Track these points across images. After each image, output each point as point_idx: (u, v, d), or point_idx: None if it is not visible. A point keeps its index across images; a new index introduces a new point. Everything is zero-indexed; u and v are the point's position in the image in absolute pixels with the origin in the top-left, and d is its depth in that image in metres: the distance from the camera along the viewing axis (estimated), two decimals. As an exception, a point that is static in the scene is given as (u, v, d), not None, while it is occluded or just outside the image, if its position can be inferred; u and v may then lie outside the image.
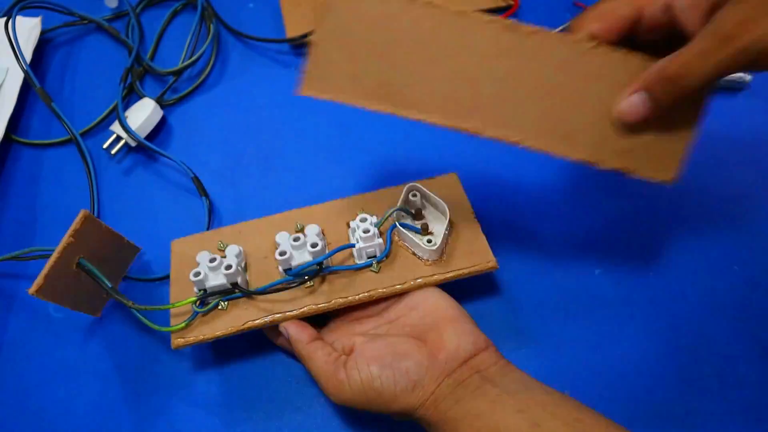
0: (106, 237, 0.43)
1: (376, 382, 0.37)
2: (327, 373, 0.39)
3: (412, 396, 0.36)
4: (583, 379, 0.44)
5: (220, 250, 0.46)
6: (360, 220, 0.44)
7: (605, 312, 0.46)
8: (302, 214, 0.47)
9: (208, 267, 0.42)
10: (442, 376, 0.37)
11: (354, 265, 0.43)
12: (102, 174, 0.54)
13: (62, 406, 0.46)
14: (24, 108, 0.58)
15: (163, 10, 0.62)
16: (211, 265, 0.42)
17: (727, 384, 0.44)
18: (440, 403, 0.36)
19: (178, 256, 0.46)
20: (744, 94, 0.55)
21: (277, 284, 0.42)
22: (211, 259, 0.42)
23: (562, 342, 0.45)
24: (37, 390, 0.46)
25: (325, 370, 0.39)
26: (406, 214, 0.46)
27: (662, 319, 0.46)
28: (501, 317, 0.46)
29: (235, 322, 0.41)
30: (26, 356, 0.48)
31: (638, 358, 0.45)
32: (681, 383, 0.44)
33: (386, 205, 0.46)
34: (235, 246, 0.44)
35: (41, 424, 0.45)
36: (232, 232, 0.47)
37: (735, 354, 0.45)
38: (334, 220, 0.46)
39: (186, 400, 0.44)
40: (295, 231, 0.46)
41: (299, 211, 0.47)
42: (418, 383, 0.37)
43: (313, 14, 0.58)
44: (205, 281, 0.42)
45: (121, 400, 0.45)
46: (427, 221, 0.45)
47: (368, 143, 0.54)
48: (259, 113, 0.56)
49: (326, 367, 0.39)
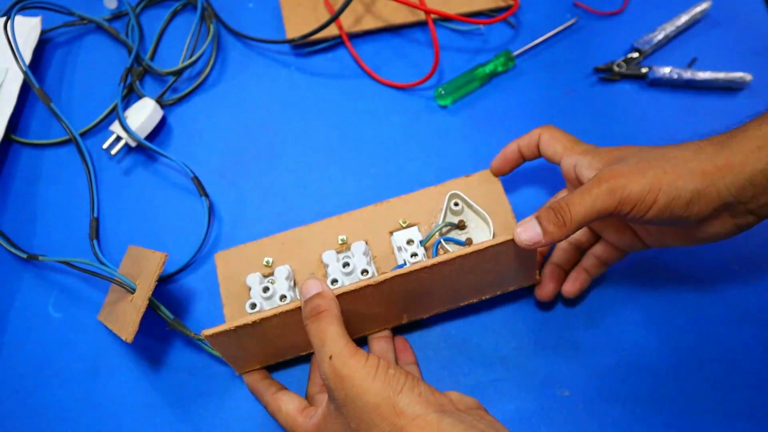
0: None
1: None
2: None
3: None
4: (583, 379, 0.44)
5: (266, 266, 0.46)
6: (407, 242, 0.44)
7: (604, 312, 0.46)
8: (342, 222, 0.47)
9: (263, 297, 0.42)
10: None
11: None
12: (102, 174, 0.54)
13: (62, 406, 0.46)
14: (24, 108, 0.58)
15: (163, 10, 0.62)
16: (265, 295, 0.42)
17: (727, 384, 0.44)
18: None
19: (224, 274, 0.46)
20: (744, 94, 0.55)
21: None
22: (265, 289, 0.42)
23: (560, 343, 0.46)
24: (37, 390, 0.46)
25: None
26: (450, 227, 0.45)
27: (662, 319, 0.46)
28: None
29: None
30: (26, 356, 0.48)
31: (638, 358, 0.45)
32: (681, 383, 0.44)
33: (424, 208, 0.46)
34: (284, 268, 0.44)
35: (41, 423, 0.45)
36: (274, 243, 0.47)
37: (735, 354, 0.45)
38: (376, 230, 0.46)
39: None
40: (338, 244, 0.46)
41: (338, 219, 0.47)
42: None
43: (312, 15, 0.59)
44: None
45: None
46: (470, 232, 0.45)
47: (368, 143, 0.54)
48: (259, 113, 0.56)
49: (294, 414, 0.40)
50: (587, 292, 0.47)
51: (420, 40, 0.59)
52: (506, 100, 0.56)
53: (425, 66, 0.57)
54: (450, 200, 0.45)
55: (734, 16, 0.59)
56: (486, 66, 0.56)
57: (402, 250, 0.44)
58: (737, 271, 0.48)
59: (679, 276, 0.47)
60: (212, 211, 0.52)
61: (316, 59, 0.59)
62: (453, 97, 0.55)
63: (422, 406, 0.33)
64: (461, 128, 0.54)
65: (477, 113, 0.55)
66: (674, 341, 0.45)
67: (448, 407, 0.34)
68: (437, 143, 0.54)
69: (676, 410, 0.43)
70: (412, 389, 0.33)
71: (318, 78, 0.58)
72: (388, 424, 0.32)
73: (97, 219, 0.51)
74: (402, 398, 0.33)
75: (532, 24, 0.59)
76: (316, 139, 0.55)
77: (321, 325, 0.35)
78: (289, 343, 0.42)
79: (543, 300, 0.45)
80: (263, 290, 0.42)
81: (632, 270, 0.48)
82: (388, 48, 0.59)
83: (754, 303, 0.46)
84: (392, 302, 0.41)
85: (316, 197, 0.50)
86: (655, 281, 0.47)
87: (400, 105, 0.56)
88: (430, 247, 0.44)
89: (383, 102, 0.56)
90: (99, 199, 0.53)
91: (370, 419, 0.33)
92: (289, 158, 0.54)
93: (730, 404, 0.43)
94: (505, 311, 0.47)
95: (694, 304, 0.47)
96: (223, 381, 0.46)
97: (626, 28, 0.59)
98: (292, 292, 0.43)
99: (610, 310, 0.46)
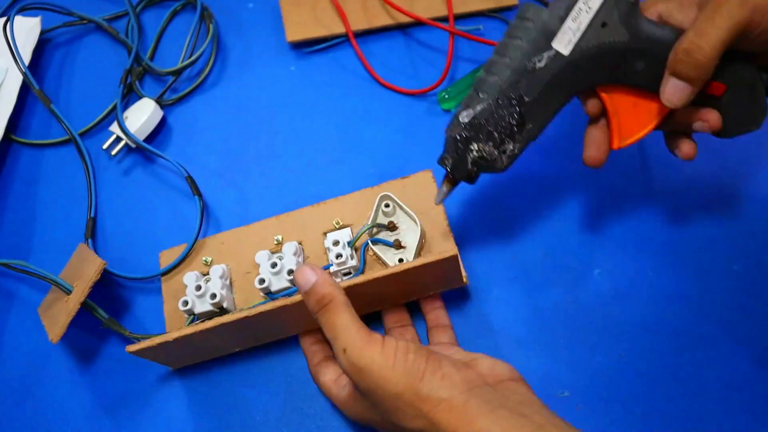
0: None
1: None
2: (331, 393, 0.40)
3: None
4: (582, 380, 0.44)
5: (204, 265, 0.47)
6: (333, 243, 0.44)
7: (604, 312, 0.46)
8: (279, 223, 0.48)
9: (195, 295, 0.44)
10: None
11: None
12: (101, 174, 0.54)
13: (62, 406, 0.46)
14: (23, 107, 0.58)
15: (162, 10, 0.62)
16: (198, 293, 0.43)
17: (727, 384, 0.44)
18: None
19: (168, 275, 0.48)
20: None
21: (258, 306, 0.42)
22: (197, 287, 0.44)
23: (559, 343, 0.45)
24: (36, 390, 0.46)
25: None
26: (380, 228, 0.45)
27: (662, 318, 0.46)
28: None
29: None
30: (26, 356, 0.48)
31: (638, 358, 0.45)
32: (681, 383, 0.44)
33: (362, 208, 0.47)
34: (218, 267, 0.46)
35: (41, 423, 0.45)
36: (214, 243, 0.48)
37: (735, 354, 0.45)
38: (311, 230, 0.47)
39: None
40: (274, 245, 0.47)
41: (276, 219, 0.48)
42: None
43: (312, 15, 0.59)
44: (194, 308, 0.43)
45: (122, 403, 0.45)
46: (401, 233, 0.45)
47: (368, 143, 0.54)
48: (259, 113, 0.56)
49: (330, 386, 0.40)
50: (586, 292, 0.47)
51: (420, 40, 0.59)
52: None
53: (425, 67, 0.57)
54: (381, 201, 0.45)
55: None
56: (486, 66, 0.56)
57: (331, 249, 0.44)
58: (738, 271, 0.47)
59: (679, 276, 0.47)
60: (206, 210, 0.52)
61: (317, 59, 0.59)
62: (457, 101, 0.55)
63: (447, 389, 0.32)
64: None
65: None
66: (674, 341, 0.45)
67: (476, 383, 0.33)
68: (438, 145, 0.53)
69: (676, 410, 0.43)
70: (434, 372, 0.32)
71: (318, 79, 0.58)
72: (413, 409, 0.32)
73: (93, 219, 0.51)
74: (424, 385, 0.32)
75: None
76: (317, 139, 0.55)
77: (329, 317, 0.34)
78: (222, 345, 0.44)
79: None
80: (196, 288, 0.44)
81: (632, 270, 0.48)
82: (388, 48, 0.59)
83: (754, 303, 0.46)
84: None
85: (316, 197, 0.50)
86: (655, 281, 0.47)
87: (402, 108, 0.56)
88: (359, 248, 0.45)
89: (384, 104, 0.56)
90: (97, 199, 0.53)
91: (395, 406, 0.32)
92: (289, 158, 0.54)
93: (730, 404, 0.43)
94: (505, 311, 0.47)
95: (694, 303, 0.46)
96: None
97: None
98: (224, 291, 0.44)
99: (609, 310, 0.46)
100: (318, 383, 0.41)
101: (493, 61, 0.38)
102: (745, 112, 0.40)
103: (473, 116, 0.38)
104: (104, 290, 0.49)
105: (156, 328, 0.47)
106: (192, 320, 0.44)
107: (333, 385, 0.40)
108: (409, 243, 0.44)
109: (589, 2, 0.36)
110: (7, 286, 0.50)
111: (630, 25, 0.36)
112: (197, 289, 0.44)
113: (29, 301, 0.49)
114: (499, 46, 0.38)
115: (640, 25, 0.37)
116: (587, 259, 0.48)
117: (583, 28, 0.36)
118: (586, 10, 0.36)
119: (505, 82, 0.37)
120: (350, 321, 0.34)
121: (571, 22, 0.36)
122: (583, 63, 0.37)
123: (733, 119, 0.40)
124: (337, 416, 0.44)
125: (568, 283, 0.47)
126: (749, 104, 0.39)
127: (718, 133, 0.41)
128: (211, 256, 0.47)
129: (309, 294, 0.35)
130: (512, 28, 0.38)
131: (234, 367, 0.46)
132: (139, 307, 0.49)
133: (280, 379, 0.45)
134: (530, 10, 0.37)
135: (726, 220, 0.49)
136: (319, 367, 0.41)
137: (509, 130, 0.38)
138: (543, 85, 0.37)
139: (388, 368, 0.32)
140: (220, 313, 0.44)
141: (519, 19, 0.37)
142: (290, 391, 0.45)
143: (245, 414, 0.44)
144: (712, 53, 0.35)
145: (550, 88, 0.38)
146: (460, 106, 0.39)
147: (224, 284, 0.45)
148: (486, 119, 0.38)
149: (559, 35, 0.36)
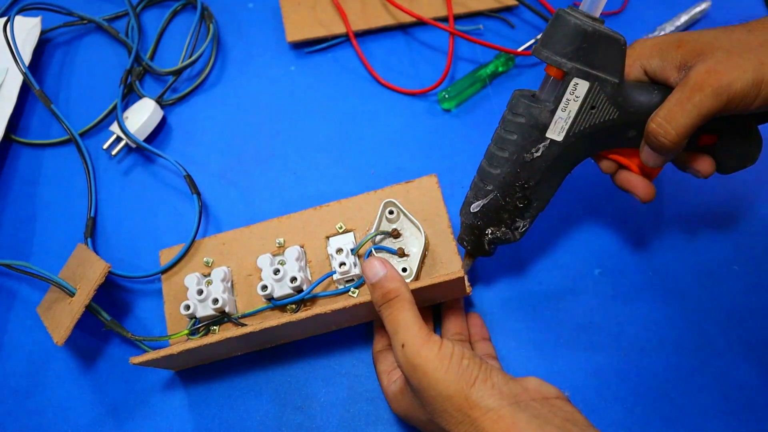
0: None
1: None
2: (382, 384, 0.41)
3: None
4: (582, 380, 0.44)
5: (206, 266, 0.47)
6: (336, 251, 0.43)
7: (604, 312, 0.46)
8: (281, 225, 0.47)
9: (197, 299, 0.43)
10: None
11: (334, 290, 0.44)
12: (101, 174, 0.54)
13: (63, 406, 0.46)
14: (24, 107, 0.58)
15: (162, 10, 0.62)
16: (200, 297, 0.43)
17: (727, 384, 0.44)
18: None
19: (167, 271, 0.47)
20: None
21: (260, 311, 0.42)
22: (199, 291, 0.43)
23: (560, 343, 0.45)
24: (37, 390, 0.46)
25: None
26: (384, 236, 0.45)
27: (662, 319, 0.46)
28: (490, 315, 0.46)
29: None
30: (27, 356, 0.48)
31: (638, 358, 0.45)
32: (681, 383, 0.44)
33: (365, 213, 0.46)
34: (220, 269, 0.45)
35: (41, 423, 0.45)
36: (215, 244, 0.48)
37: (735, 354, 0.45)
38: (314, 234, 0.46)
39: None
40: (276, 247, 0.46)
41: (278, 221, 0.47)
42: None
43: (312, 15, 0.59)
44: (196, 312, 0.43)
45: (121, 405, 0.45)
46: (404, 240, 0.45)
47: (368, 143, 0.54)
48: (259, 113, 0.56)
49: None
50: (586, 293, 0.47)
51: (421, 40, 0.59)
52: (506, 100, 0.55)
53: (426, 67, 0.57)
54: (385, 208, 0.44)
55: (734, 16, 0.59)
56: (487, 67, 0.56)
57: (334, 256, 0.44)
58: (738, 271, 0.47)
59: (679, 276, 0.47)
60: (207, 211, 0.52)
61: (317, 59, 0.59)
62: (457, 101, 0.55)
63: (495, 398, 0.33)
64: (462, 130, 0.54)
65: (478, 115, 0.55)
66: (674, 341, 0.45)
67: (523, 398, 0.33)
68: (439, 145, 0.54)
69: (676, 410, 0.43)
70: (485, 381, 0.33)
71: (318, 79, 0.58)
72: (461, 414, 0.33)
73: (93, 218, 0.51)
74: (475, 391, 0.33)
75: (531, 23, 0.59)
76: (317, 139, 0.55)
77: (393, 312, 0.35)
78: (225, 351, 0.44)
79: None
80: (198, 293, 0.43)
81: (631, 270, 0.48)
82: (388, 48, 0.59)
83: (755, 303, 0.46)
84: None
85: (317, 198, 0.50)
86: (655, 281, 0.47)
87: (402, 108, 0.56)
88: (362, 255, 0.44)
89: (384, 104, 0.56)
90: (98, 199, 0.53)
91: (444, 408, 0.33)
92: (289, 158, 0.54)
93: (731, 404, 0.43)
94: (504, 310, 0.47)
95: (695, 303, 0.46)
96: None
97: (626, 28, 0.58)
98: (225, 295, 0.44)
99: (609, 310, 0.46)
100: (376, 371, 0.42)
101: (492, 154, 0.40)
102: (739, 153, 0.40)
103: (482, 206, 0.40)
104: (104, 290, 0.49)
105: (157, 328, 0.47)
106: (194, 323, 0.44)
107: (385, 377, 0.41)
108: (412, 251, 0.44)
109: (576, 91, 0.37)
110: (7, 286, 0.50)
111: (617, 103, 0.37)
112: (199, 293, 0.43)
113: (30, 301, 0.49)
114: (496, 137, 0.40)
115: (627, 99, 0.37)
116: (587, 258, 0.48)
117: (573, 115, 0.37)
118: (574, 99, 0.37)
119: (507, 175, 0.39)
120: (413, 319, 0.35)
121: (561, 112, 0.37)
122: (578, 144, 0.39)
123: (728, 161, 0.41)
124: (334, 419, 0.44)
125: (567, 282, 0.47)
126: (743, 146, 0.40)
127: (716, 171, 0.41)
128: (212, 257, 0.47)
129: (375, 287, 0.36)
130: (506, 122, 0.39)
131: (234, 369, 0.46)
132: (139, 307, 0.49)
133: (281, 379, 0.45)
134: (521, 106, 0.38)
135: (725, 222, 0.49)
136: (379, 355, 0.42)
137: (518, 212, 0.40)
138: (543, 170, 0.39)
139: (443, 370, 0.33)
140: (221, 317, 0.44)
141: (512, 114, 0.39)
142: (290, 393, 0.45)
143: (245, 415, 0.44)
144: (678, 138, 0.36)
145: (550, 170, 0.39)
146: (468, 194, 0.41)
147: (226, 287, 0.45)
148: (495, 209, 0.40)
149: (551, 126, 0.38)
